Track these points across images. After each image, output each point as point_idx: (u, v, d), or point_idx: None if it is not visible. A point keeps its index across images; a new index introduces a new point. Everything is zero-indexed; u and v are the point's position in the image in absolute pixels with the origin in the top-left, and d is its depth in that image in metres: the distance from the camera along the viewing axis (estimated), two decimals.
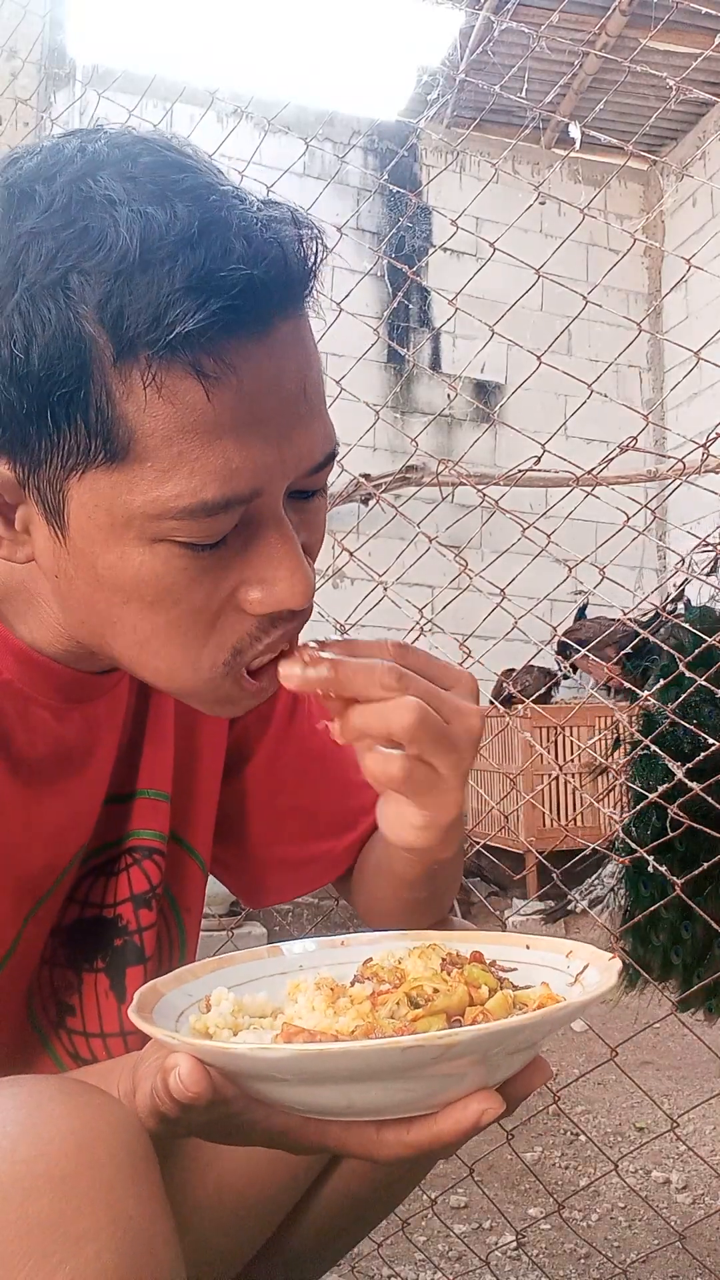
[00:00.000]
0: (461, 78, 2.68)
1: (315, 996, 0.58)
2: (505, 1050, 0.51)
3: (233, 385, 0.55)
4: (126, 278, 0.53)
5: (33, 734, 0.69)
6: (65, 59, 4.53)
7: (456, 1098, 0.51)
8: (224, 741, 0.86)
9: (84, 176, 0.55)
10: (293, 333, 0.59)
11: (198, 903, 0.86)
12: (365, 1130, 0.53)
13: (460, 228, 1.71)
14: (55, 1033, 0.77)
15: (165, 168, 0.56)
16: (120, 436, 0.55)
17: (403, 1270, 1.52)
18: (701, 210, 5.38)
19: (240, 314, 0.54)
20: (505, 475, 2.47)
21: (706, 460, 1.74)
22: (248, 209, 0.56)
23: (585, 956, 0.61)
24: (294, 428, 0.59)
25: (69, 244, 0.53)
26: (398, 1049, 0.47)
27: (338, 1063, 0.48)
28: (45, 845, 0.71)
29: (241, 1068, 0.51)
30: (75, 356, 0.54)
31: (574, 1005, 0.53)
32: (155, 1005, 0.58)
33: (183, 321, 0.52)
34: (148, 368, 0.53)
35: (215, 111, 2.00)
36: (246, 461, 0.56)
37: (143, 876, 0.80)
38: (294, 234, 0.57)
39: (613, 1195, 1.77)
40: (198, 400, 0.54)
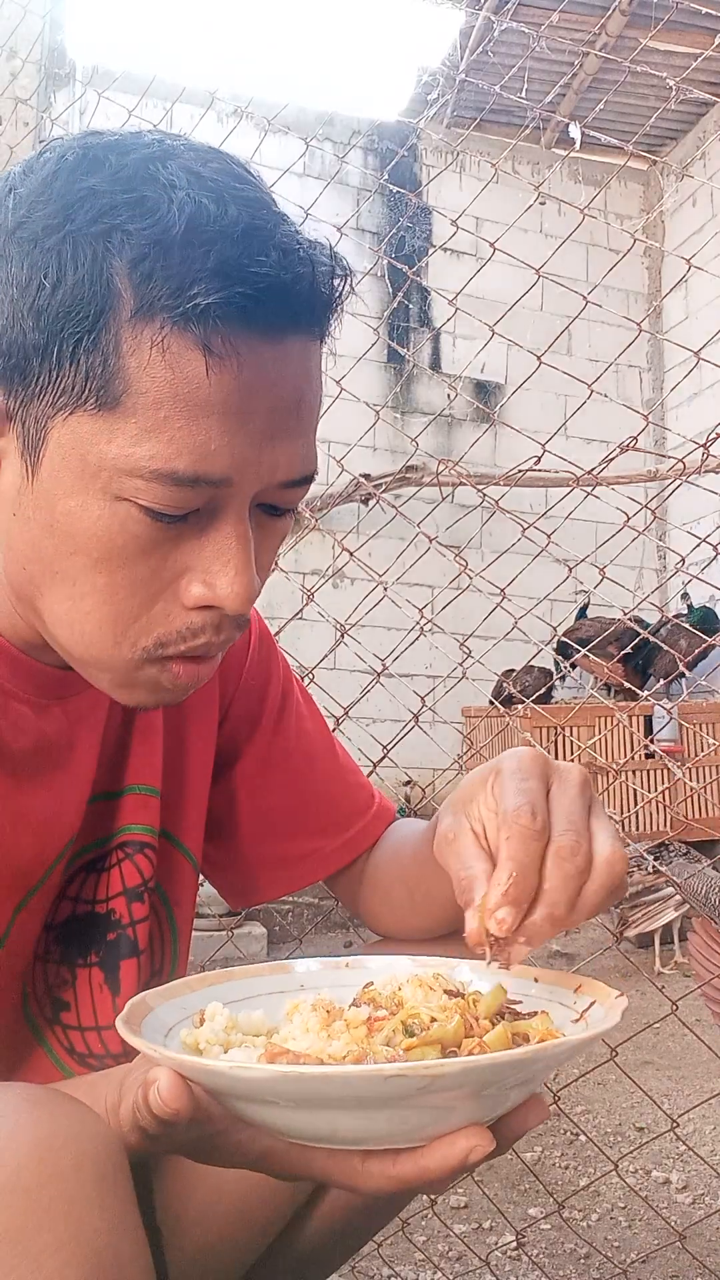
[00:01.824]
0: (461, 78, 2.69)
1: (310, 1018, 0.56)
2: (497, 1086, 0.49)
3: (233, 371, 0.57)
4: (165, 247, 0.55)
5: (13, 728, 0.70)
6: (65, 59, 4.53)
7: (445, 1132, 0.49)
8: (213, 740, 0.87)
9: (155, 159, 0.58)
10: (302, 351, 0.61)
11: (189, 898, 0.86)
12: (350, 1160, 0.51)
13: (460, 228, 1.71)
14: (50, 1028, 0.77)
15: (230, 177, 0.59)
16: (115, 387, 0.57)
17: (403, 1270, 1.52)
18: (701, 210, 5.38)
19: (258, 309, 0.56)
20: (505, 475, 2.47)
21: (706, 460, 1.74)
22: (292, 230, 0.59)
23: (593, 993, 0.60)
24: (280, 435, 0.60)
25: (122, 206, 0.56)
26: (380, 1077, 0.45)
27: (318, 1087, 0.46)
28: (32, 837, 0.71)
29: (221, 1086, 0.49)
30: (97, 302, 0.56)
31: (572, 1043, 0.51)
32: (145, 1017, 0.56)
33: (204, 296, 0.55)
34: (160, 330, 0.56)
35: (215, 111, 2.00)
36: (225, 447, 0.58)
37: (135, 871, 0.80)
38: (327, 265, 0.60)
39: (613, 1195, 1.77)
40: (196, 374, 0.56)
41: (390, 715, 2.24)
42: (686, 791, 4.33)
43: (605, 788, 4.31)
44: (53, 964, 0.77)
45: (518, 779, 0.60)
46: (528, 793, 0.59)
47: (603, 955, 3.33)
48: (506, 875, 0.56)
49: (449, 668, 2.64)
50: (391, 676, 1.80)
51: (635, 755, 4.30)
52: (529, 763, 0.61)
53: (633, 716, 4.27)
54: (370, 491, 3.45)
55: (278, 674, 0.91)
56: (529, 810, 0.58)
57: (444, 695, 3.33)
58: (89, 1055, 0.77)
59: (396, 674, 1.80)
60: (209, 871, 0.91)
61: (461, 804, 0.63)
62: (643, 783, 4.37)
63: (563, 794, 0.60)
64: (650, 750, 4.23)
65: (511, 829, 0.57)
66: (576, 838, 0.57)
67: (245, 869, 0.91)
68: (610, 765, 4.27)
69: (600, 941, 3.73)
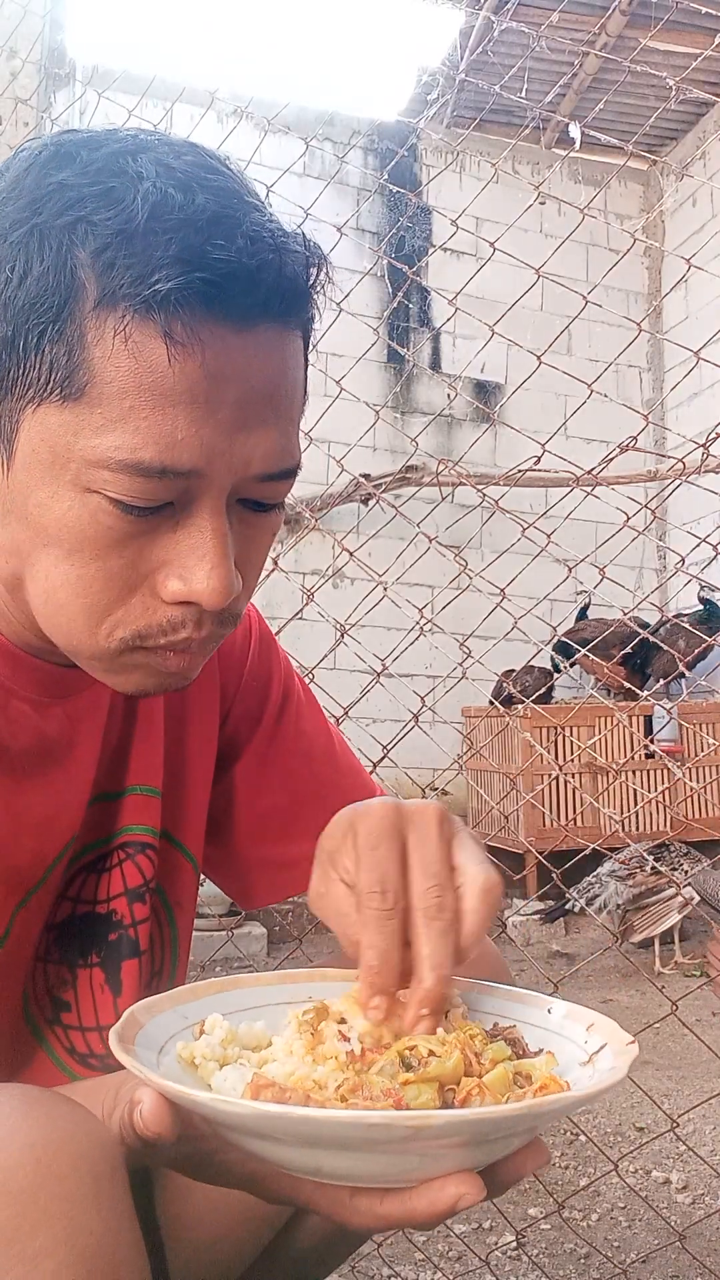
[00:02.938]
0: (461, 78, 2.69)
1: (295, 1041, 0.56)
2: (489, 1137, 0.48)
3: (197, 359, 0.56)
4: (127, 237, 0.55)
5: (13, 727, 0.69)
6: (65, 59, 4.53)
7: (435, 1175, 0.48)
8: (215, 740, 0.86)
9: (126, 154, 0.58)
10: (275, 340, 0.60)
11: (189, 899, 0.85)
12: (339, 1194, 0.51)
13: (460, 228, 1.71)
14: (51, 1029, 0.77)
15: (202, 168, 0.59)
16: (79, 378, 0.57)
17: (403, 1270, 1.52)
18: (701, 210, 5.38)
19: (221, 295, 0.56)
20: (505, 475, 2.47)
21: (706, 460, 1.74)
22: (263, 218, 0.58)
23: (605, 1034, 0.58)
24: (252, 426, 0.59)
25: (88, 199, 0.56)
26: (363, 1124, 0.44)
27: (299, 1128, 0.45)
28: (31, 836, 0.71)
29: (205, 1116, 0.49)
30: (61, 293, 0.56)
31: (569, 1099, 0.49)
32: (145, 1025, 0.56)
33: (164, 283, 0.54)
34: (122, 319, 0.56)
35: (215, 111, 2.00)
36: (192, 438, 0.57)
37: (136, 871, 0.80)
38: (299, 252, 0.59)
39: (613, 1195, 1.77)
40: (159, 362, 0.56)
41: (390, 715, 2.24)
42: (686, 791, 4.33)
43: (605, 788, 4.31)
44: (53, 964, 0.77)
45: (368, 848, 0.58)
46: (378, 865, 0.57)
47: (603, 955, 3.34)
48: (367, 967, 0.56)
49: (449, 668, 2.64)
50: (391, 676, 1.80)
51: (635, 755, 4.30)
52: (378, 824, 0.59)
53: (633, 716, 4.27)
54: (370, 491, 3.45)
55: (279, 673, 0.91)
56: (379, 890, 0.56)
57: (444, 695, 3.33)
58: (89, 1055, 0.77)
59: (396, 674, 1.80)
60: (210, 873, 0.90)
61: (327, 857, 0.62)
62: (643, 783, 4.37)
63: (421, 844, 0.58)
64: (650, 750, 4.23)
65: (365, 913, 0.56)
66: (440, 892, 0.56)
67: (241, 872, 0.90)
68: (610, 765, 4.27)
69: (600, 941, 3.73)
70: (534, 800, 3.99)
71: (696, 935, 3.64)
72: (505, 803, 4.16)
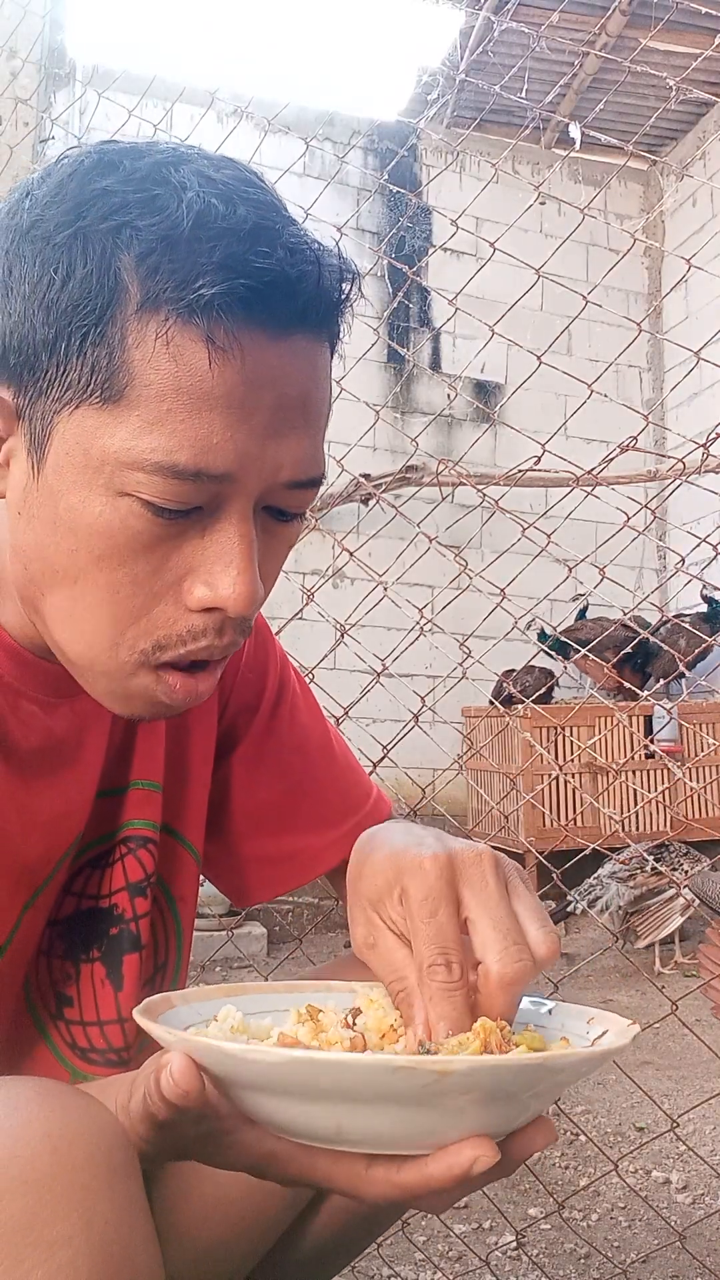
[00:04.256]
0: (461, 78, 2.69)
1: (299, 1029, 0.57)
2: (506, 1092, 0.49)
3: (236, 365, 0.57)
4: (171, 243, 0.56)
5: (23, 726, 0.70)
6: (65, 59, 4.52)
7: (451, 1139, 0.49)
8: (214, 733, 0.87)
9: (169, 164, 0.59)
10: (309, 350, 0.61)
11: (191, 893, 0.86)
12: (354, 1165, 0.52)
13: (460, 228, 1.71)
14: (54, 1024, 0.77)
15: (242, 182, 0.60)
16: (119, 380, 0.57)
17: (403, 1270, 1.52)
18: (701, 210, 5.37)
19: (261, 303, 0.57)
20: (505, 475, 2.47)
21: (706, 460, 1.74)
22: (301, 232, 0.60)
23: (604, 1023, 0.60)
24: (285, 433, 0.60)
25: (132, 205, 0.57)
26: (389, 1067, 0.46)
27: (328, 1073, 0.47)
28: (40, 835, 0.72)
29: (229, 1069, 0.50)
30: (104, 296, 0.57)
31: (582, 1055, 0.51)
32: (165, 1012, 0.57)
33: (207, 289, 0.56)
34: (164, 322, 0.56)
35: (215, 111, 2.00)
36: (227, 442, 0.58)
37: (137, 865, 0.80)
38: (335, 266, 0.61)
39: (613, 1195, 1.77)
40: (199, 366, 0.57)
41: (390, 715, 2.24)
42: (686, 791, 4.33)
43: (605, 788, 4.31)
44: (56, 959, 0.78)
45: (426, 915, 0.57)
46: (439, 935, 0.56)
47: (603, 955, 3.34)
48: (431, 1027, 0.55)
49: (449, 668, 2.64)
50: (391, 676, 1.80)
51: (635, 755, 4.30)
52: (434, 886, 0.58)
53: (633, 716, 4.27)
54: (370, 491, 3.45)
55: (275, 665, 0.91)
56: (443, 964, 0.56)
57: (444, 695, 3.33)
58: (91, 1050, 0.77)
59: (396, 674, 1.80)
60: (207, 870, 0.90)
61: (371, 905, 0.62)
62: (643, 783, 4.37)
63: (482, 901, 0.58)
64: (650, 750, 4.23)
65: (431, 987, 0.55)
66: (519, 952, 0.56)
67: (236, 867, 0.90)
68: (610, 765, 4.27)
69: (600, 941, 3.73)
70: (534, 800, 3.99)
71: (696, 935, 3.64)
72: (505, 803, 4.16)
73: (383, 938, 0.60)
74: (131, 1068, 0.77)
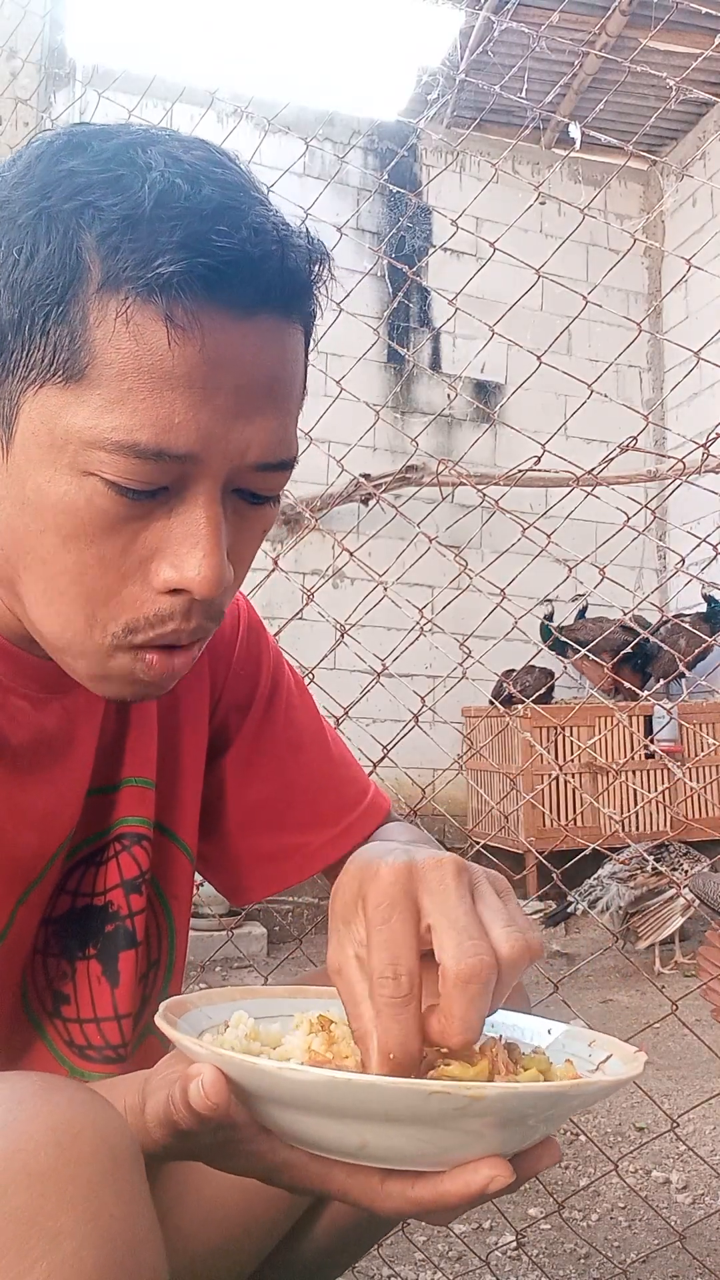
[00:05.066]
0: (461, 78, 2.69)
1: (312, 1039, 0.57)
2: (528, 1117, 0.50)
3: (196, 344, 0.57)
4: (133, 223, 0.56)
5: (13, 723, 0.70)
6: (65, 59, 4.53)
7: (467, 1160, 0.50)
8: (206, 730, 0.86)
9: (137, 145, 0.59)
10: (276, 331, 0.60)
11: (185, 891, 0.85)
12: (370, 1179, 0.52)
13: (460, 228, 1.71)
14: (50, 1021, 0.77)
15: (210, 162, 0.60)
16: (81, 359, 0.57)
17: (403, 1270, 1.52)
18: (701, 210, 5.38)
19: (222, 283, 0.57)
20: (505, 475, 2.47)
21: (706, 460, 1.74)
22: (268, 212, 0.59)
23: (607, 1047, 0.60)
24: (250, 414, 0.60)
25: (97, 185, 0.57)
26: (424, 1092, 0.46)
27: (362, 1096, 0.47)
28: (32, 832, 0.72)
29: (264, 1087, 0.50)
30: (66, 275, 0.57)
31: (606, 1083, 0.51)
32: (181, 1017, 0.57)
33: (166, 267, 0.55)
34: (124, 301, 0.56)
35: (215, 111, 2.00)
36: (190, 422, 0.58)
37: (132, 862, 0.80)
38: (302, 247, 0.60)
39: (613, 1195, 1.77)
40: (159, 345, 0.57)
41: (390, 715, 2.24)
42: (686, 791, 4.33)
43: (605, 788, 4.31)
44: (52, 957, 0.78)
45: (379, 922, 0.53)
46: (389, 944, 0.53)
47: (603, 955, 3.33)
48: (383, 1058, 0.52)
49: (449, 668, 2.64)
50: (391, 676, 1.80)
51: (635, 755, 4.30)
52: (387, 891, 0.54)
53: (633, 716, 4.27)
54: (370, 491, 3.45)
55: (268, 662, 0.90)
56: (390, 976, 0.52)
57: (444, 695, 3.33)
58: (88, 1047, 0.77)
59: (396, 674, 1.80)
60: (202, 868, 0.90)
61: (342, 923, 0.58)
62: (643, 783, 4.37)
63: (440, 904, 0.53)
64: (650, 750, 4.23)
65: (378, 1001, 0.52)
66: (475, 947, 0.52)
67: (232, 865, 0.90)
68: (610, 765, 4.27)
69: (600, 941, 3.73)
70: (534, 800, 3.99)
71: (696, 935, 3.64)
72: (505, 803, 4.16)
73: (347, 965, 0.57)
74: (129, 1065, 0.77)
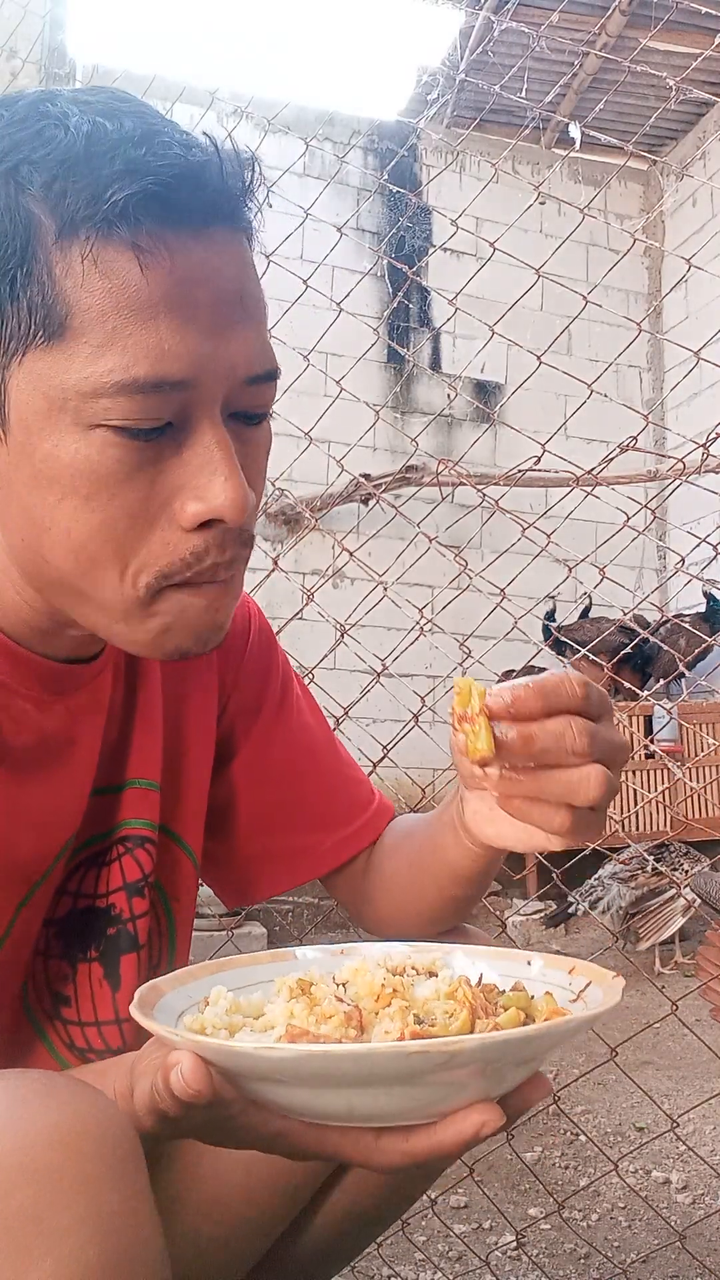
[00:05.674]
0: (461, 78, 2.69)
1: (294, 1004, 0.57)
2: (509, 1062, 0.51)
3: (166, 265, 0.57)
4: (71, 165, 0.57)
5: (15, 724, 0.69)
6: (65, 59, 4.52)
7: (457, 1108, 0.50)
8: (212, 733, 0.86)
9: (43, 100, 0.60)
10: (231, 242, 0.61)
11: (188, 894, 0.85)
12: (364, 1137, 0.53)
13: (460, 228, 1.71)
14: (51, 1023, 0.77)
15: (117, 99, 0.61)
16: (58, 313, 0.57)
17: (403, 1270, 1.52)
18: (701, 210, 5.38)
19: (173, 198, 0.57)
20: (505, 475, 2.47)
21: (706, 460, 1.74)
22: (189, 133, 0.61)
23: (587, 974, 0.61)
24: (231, 327, 0.60)
25: (23, 143, 0.58)
26: (403, 1053, 0.47)
27: (341, 1065, 0.48)
28: (34, 833, 0.71)
29: (244, 1067, 0.50)
30: (20, 236, 0.57)
31: (580, 1019, 0.53)
32: (157, 1002, 0.57)
33: (118, 195, 0.56)
34: (86, 242, 0.57)
35: (215, 111, 2.00)
36: (180, 346, 0.58)
37: (135, 865, 0.80)
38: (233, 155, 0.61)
39: (613, 1195, 1.77)
40: (132, 276, 0.57)
41: (390, 715, 2.23)
42: (686, 791, 4.33)
43: None
44: (53, 959, 0.77)
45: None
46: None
47: (603, 955, 3.33)
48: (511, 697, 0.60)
49: (449, 668, 2.63)
50: (391, 676, 1.80)
51: (635, 755, 4.30)
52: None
53: (633, 716, 4.27)
54: (370, 491, 3.45)
55: (277, 666, 0.91)
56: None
57: (444, 695, 3.32)
58: (88, 1050, 0.77)
59: (396, 674, 1.80)
60: (206, 868, 0.90)
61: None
62: (643, 783, 4.37)
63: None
64: (650, 750, 4.23)
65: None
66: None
67: (241, 864, 0.90)
68: None
69: (600, 941, 3.73)
70: None
71: (697, 935, 3.64)
72: None
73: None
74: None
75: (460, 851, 0.75)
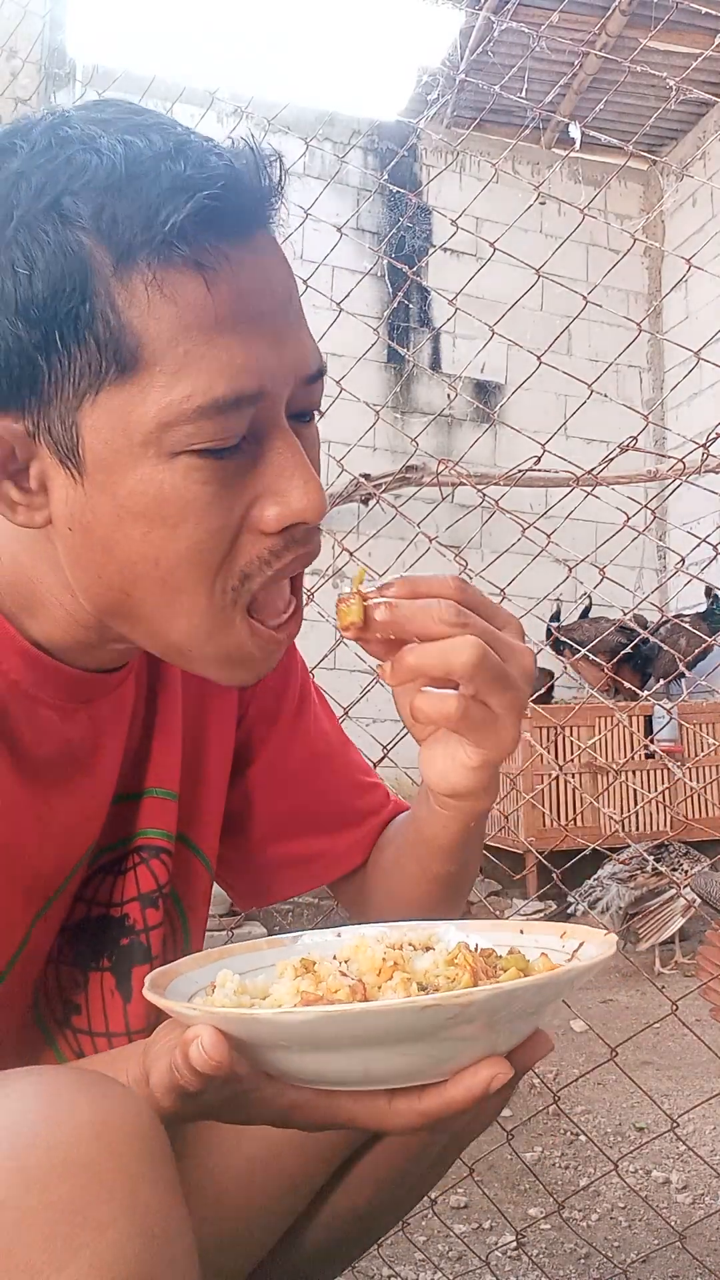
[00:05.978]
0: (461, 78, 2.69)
1: (300, 982, 0.58)
2: (516, 1013, 0.52)
3: (229, 279, 0.57)
4: (116, 189, 0.55)
5: (40, 734, 0.69)
6: (65, 59, 4.52)
7: (466, 1064, 0.52)
8: (231, 741, 0.86)
9: (58, 125, 0.58)
10: (272, 243, 0.61)
11: (203, 904, 0.85)
12: (377, 1101, 0.53)
13: (460, 228, 1.71)
14: (60, 1031, 0.77)
15: (130, 113, 0.60)
16: (128, 345, 0.56)
17: (403, 1270, 1.52)
18: (701, 210, 5.38)
19: (225, 209, 0.56)
20: (505, 475, 2.47)
21: (706, 460, 1.74)
22: (211, 140, 0.60)
23: (579, 935, 0.62)
24: (288, 331, 0.61)
25: (56, 173, 0.56)
26: (417, 1008, 0.48)
27: (361, 1023, 0.49)
28: (55, 845, 0.71)
29: (263, 1034, 0.51)
30: (77, 272, 0.55)
31: (584, 966, 0.54)
32: (166, 988, 0.58)
33: (173, 215, 0.54)
34: (147, 269, 0.55)
35: (215, 111, 2.00)
36: (250, 359, 0.58)
37: (150, 876, 0.79)
38: (262, 154, 0.60)
39: (613, 1195, 1.77)
40: (199, 295, 0.56)
41: (390, 715, 2.23)
42: (686, 791, 4.33)
43: (605, 788, 4.31)
44: (65, 966, 0.77)
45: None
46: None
47: None
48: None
49: None
50: None
51: (635, 755, 4.30)
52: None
53: (633, 716, 4.27)
54: (370, 491, 3.45)
55: (296, 673, 0.90)
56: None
57: None
58: None
59: None
60: (221, 871, 0.90)
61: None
62: (643, 783, 4.37)
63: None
64: (650, 750, 4.23)
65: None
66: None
67: (257, 868, 0.90)
68: (610, 765, 4.27)
69: None
70: (534, 800, 3.99)
71: (697, 935, 3.64)
72: (505, 803, 4.16)
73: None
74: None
75: (430, 817, 0.74)
